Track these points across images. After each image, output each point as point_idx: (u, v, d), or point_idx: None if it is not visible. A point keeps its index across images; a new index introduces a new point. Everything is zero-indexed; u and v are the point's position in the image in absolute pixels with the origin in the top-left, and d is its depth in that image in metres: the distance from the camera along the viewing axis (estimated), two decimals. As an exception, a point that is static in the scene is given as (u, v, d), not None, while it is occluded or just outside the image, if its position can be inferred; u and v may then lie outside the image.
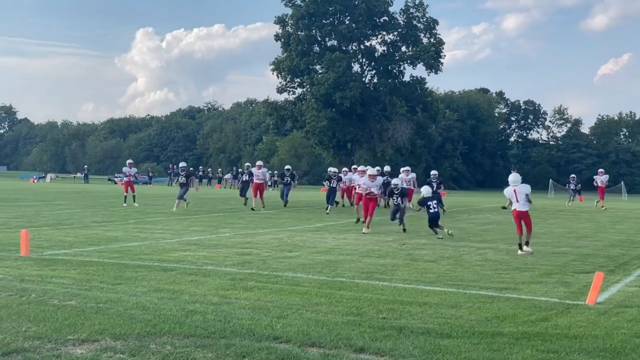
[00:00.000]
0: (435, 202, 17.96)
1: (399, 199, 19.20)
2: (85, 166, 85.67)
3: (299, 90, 71.18)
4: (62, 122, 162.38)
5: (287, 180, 30.05)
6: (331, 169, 28.80)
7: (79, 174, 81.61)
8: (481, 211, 31.33)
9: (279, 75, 69.59)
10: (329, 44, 70.84)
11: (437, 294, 9.58)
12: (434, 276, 11.26)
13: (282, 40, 69.50)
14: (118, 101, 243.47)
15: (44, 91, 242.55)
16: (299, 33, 68.01)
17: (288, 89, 70.89)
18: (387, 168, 29.76)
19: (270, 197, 33.30)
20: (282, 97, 72.99)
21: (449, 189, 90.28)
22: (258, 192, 27.31)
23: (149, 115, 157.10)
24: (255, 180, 27.59)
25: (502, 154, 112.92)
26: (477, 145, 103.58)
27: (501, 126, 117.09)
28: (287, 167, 30.47)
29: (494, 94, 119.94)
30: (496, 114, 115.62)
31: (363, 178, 20.90)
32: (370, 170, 19.99)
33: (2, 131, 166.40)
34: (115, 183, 65.32)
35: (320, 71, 67.34)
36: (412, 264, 12.65)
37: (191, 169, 38.51)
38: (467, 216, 27.29)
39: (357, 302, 8.74)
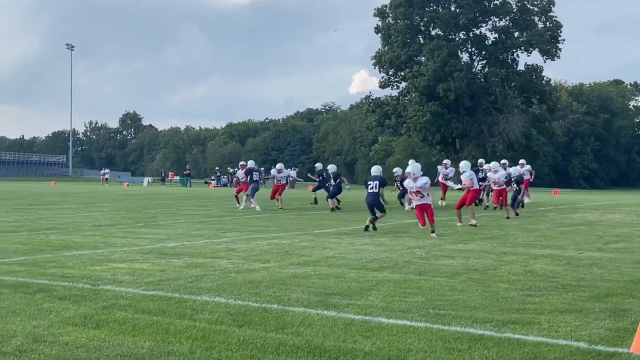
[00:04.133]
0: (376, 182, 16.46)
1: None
2: (217, 168, 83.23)
3: (402, 85, 67.12)
4: (184, 128, 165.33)
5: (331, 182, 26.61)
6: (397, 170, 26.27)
7: (175, 177, 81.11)
8: (581, 209, 26.94)
9: (381, 70, 65.94)
10: (432, 32, 66.39)
11: (390, 333, 6.17)
12: (419, 300, 7.64)
13: (383, 32, 65.79)
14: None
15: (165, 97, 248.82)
16: (399, 22, 64.05)
17: (391, 83, 67.07)
18: (480, 160, 28.67)
19: (346, 197, 30.05)
20: (385, 93, 69.32)
21: (581, 188, 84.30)
22: (277, 193, 26.90)
23: (267, 118, 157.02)
24: (275, 182, 27.87)
25: (639, 150, 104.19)
26: (610, 140, 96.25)
27: (637, 119, 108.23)
28: (329, 166, 27.18)
29: (628, 85, 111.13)
30: (631, 107, 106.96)
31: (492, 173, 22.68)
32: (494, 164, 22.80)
33: (128, 137, 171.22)
34: (208, 185, 63.81)
35: (423, 62, 63.13)
36: (411, 280, 9.07)
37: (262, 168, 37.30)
38: (555, 215, 23.36)
39: (242, 348, 5.33)
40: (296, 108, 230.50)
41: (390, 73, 66.37)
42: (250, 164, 26.96)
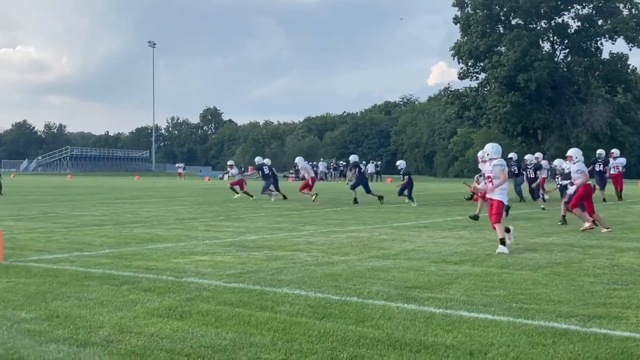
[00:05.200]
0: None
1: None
2: (296, 162, 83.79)
3: (482, 76, 65.99)
4: (263, 122, 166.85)
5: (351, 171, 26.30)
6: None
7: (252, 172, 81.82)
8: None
9: (460, 61, 65.01)
10: (512, 22, 65.01)
11: (471, 327, 6.07)
12: (501, 294, 7.52)
13: (461, 22, 64.82)
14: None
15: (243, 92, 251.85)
16: (478, 12, 62.99)
17: (470, 74, 66.06)
18: (600, 151, 26.97)
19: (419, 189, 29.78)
20: (464, 84, 68.32)
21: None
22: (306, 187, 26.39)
23: (345, 112, 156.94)
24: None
25: None
26: None
27: None
28: (351, 156, 26.51)
29: None
30: None
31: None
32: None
33: (208, 133, 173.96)
34: (287, 178, 64.22)
35: (503, 53, 61.88)
36: (492, 273, 8.92)
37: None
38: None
39: (323, 340, 5.35)
40: (374, 101, 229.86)
41: (469, 64, 65.39)
42: (258, 160, 28.79)
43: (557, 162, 17.44)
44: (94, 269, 9.21)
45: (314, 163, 68.83)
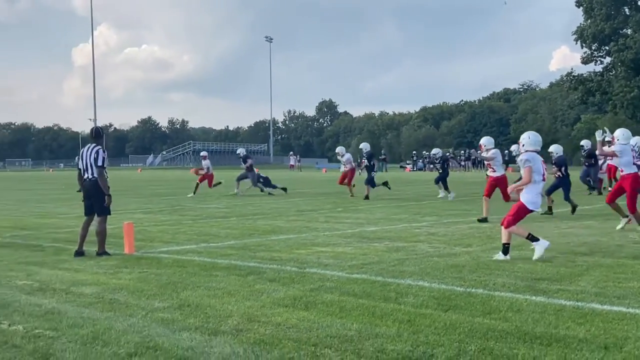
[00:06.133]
0: None
1: None
2: (414, 152, 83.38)
3: (607, 60, 63.22)
4: (379, 113, 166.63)
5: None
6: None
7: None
8: None
9: (583, 45, 62.42)
10: (639, 3, 61.91)
11: (605, 320, 5.85)
12: (635, 286, 7.27)
13: (584, 5, 62.22)
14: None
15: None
16: (603, -7, 60.30)
17: (594, 58, 63.38)
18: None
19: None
20: (588, 69, 65.64)
21: None
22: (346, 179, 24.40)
23: (462, 100, 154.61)
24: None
25: None
26: None
27: None
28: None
29: None
30: None
31: None
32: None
33: (324, 125, 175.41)
34: (404, 169, 63.85)
35: (629, 35, 59.04)
36: (625, 264, 8.63)
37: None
38: None
39: (449, 332, 5.30)
40: (492, 88, 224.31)
41: (593, 48, 62.68)
42: (241, 151, 27.67)
43: None
44: (220, 259, 9.47)
45: (426, 153, 68.05)
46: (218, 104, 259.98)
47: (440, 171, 22.83)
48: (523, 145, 9.59)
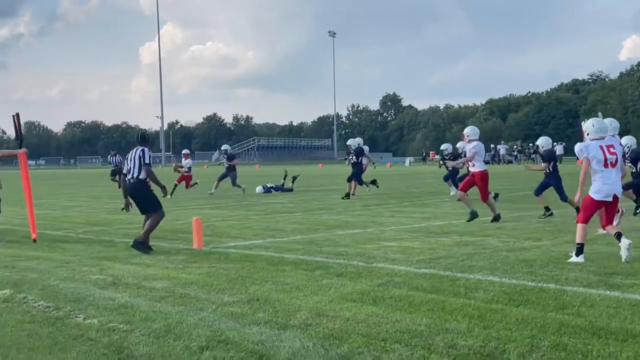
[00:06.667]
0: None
1: None
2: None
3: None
4: (444, 106, 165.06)
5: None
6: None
7: (437, 157, 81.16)
8: None
9: (655, 32, 60.77)
10: None
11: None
12: None
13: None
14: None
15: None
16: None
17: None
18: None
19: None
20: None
21: None
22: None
23: (529, 92, 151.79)
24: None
25: None
26: None
27: None
28: (357, 139, 24.45)
29: None
30: None
31: None
32: None
33: (388, 119, 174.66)
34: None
35: None
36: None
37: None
38: None
39: (521, 328, 5.24)
40: (560, 79, 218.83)
41: (665, 35, 61.00)
42: (227, 148, 25.96)
43: None
44: (287, 254, 9.53)
45: (492, 146, 67.25)
46: (282, 99, 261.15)
47: (450, 169, 21.07)
48: (587, 135, 8.87)
